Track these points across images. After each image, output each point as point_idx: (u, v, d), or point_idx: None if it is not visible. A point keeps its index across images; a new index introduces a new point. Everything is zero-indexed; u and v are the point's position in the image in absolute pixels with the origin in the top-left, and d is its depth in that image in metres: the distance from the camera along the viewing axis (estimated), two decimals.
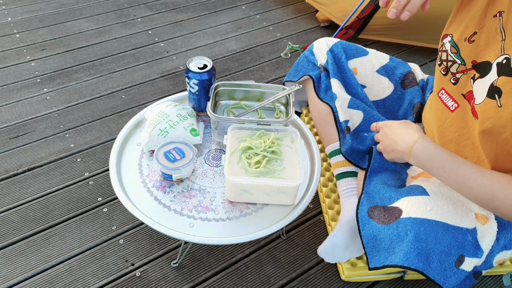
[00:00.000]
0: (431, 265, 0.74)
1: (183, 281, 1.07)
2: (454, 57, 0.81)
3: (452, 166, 0.76)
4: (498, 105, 0.70)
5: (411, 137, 0.81)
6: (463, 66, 0.80)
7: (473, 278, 0.83)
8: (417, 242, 0.74)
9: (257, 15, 2.20)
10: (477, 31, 0.75)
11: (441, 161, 0.77)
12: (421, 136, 0.81)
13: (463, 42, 0.78)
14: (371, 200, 0.86)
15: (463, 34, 0.78)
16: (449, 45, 0.81)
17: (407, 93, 1.08)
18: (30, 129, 1.49)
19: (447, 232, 0.75)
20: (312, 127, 1.39)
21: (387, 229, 0.79)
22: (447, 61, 0.83)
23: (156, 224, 0.85)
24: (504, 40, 0.70)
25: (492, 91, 0.72)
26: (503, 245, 0.81)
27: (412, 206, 0.79)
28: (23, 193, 1.27)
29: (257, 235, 0.85)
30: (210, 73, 1.00)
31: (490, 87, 0.72)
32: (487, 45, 0.74)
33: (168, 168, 0.89)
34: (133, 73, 1.78)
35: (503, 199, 0.70)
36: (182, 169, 0.89)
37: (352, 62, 1.10)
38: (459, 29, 0.79)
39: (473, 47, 0.77)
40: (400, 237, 0.76)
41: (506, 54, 0.69)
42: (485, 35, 0.74)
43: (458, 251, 0.75)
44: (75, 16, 2.13)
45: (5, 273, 1.07)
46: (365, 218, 0.84)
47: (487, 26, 0.73)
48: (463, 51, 0.79)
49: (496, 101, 0.71)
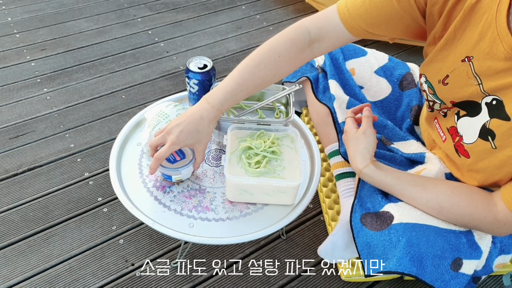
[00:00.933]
0: (426, 269, 0.74)
1: (183, 281, 1.07)
2: (433, 98, 0.80)
3: (397, 190, 0.80)
4: (493, 147, 0.70)
5: (358, 163, 0.84)
6: (444, 105, 0.79)
7: (472, 282, 0.82)
8: (410, 247, 0.74)
9: (257, 15, 2.21)
10: (449, 75, 0.74)
11: (386, 187, 0.82)
12: (365, 166, 0.83)
13: (438, 84, 0.77)
14: (363, 206, 0.86)
15: (436, 76, 0.77)
16: (426, 86, 0.81)
17: (405, 95, 1.08)
18: (30, 129, 1.49)
19: (439, 235, 0.75)
20: (312, 127, 1.39)
21: (379, 235, 0.79)
22: (428, 100, 0.83)
23: (156, 224, 0.85)
24: (481, 84, 0.68)
25: (485, 132, 0.71)
26: (500, 248, 0.81)
27: (403, 211, 0.79)
28: (23, 193, 1.27)
29: (257, 235, 0.85)
30: (210, 73, 1.00)
31: (482, 128, 0.71)
32: (461, 88, 0.72)
33: (167, 169, 0.88)
34: (133, 73, 1.78)
35: (449, 209, 0.75)
36: (181, 171, 0.88)
37: (350, 63, 1.10)
38: (432, 71, 0.78)
39: (448, 89, 0.75)
40: (393, 243, 0.76)
41: (494, 95, 0.68)
42: (457, 79, 0.72)
43: (452, 253, 0.75)
44: (75, 16, 2.13)
45: (5, 273, 1.08)
46: (359, 225, 0.84)
47: (457, 70, 0.72)
48: (439, 93, 0.78)
49: (490, 143, 0.70)
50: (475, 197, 0.74)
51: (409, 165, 0.97)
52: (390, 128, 1.02)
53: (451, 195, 0.75)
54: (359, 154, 0.84)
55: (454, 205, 0.75)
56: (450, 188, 0.76)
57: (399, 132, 1.01)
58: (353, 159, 0.85)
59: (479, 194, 0.74)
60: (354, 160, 0.84)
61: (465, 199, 0.74)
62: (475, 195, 0.74)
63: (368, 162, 0.82)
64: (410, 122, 1.04)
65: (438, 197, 0.75)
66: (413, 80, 1.09)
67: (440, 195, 0.75)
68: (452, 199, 0.75)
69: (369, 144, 0.83)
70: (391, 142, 1.01)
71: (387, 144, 1.00)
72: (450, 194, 0.75)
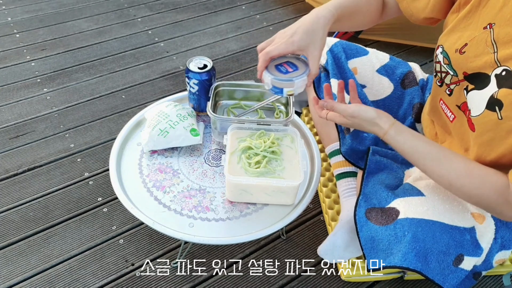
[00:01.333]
0: (430, 265, 0.74)
1: (183, 281, 1.07)
2: (447, 68, 0.81)
3: (412, 159, 0.78)
4: (499, 118, 0.70)
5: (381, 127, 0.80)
6: (455, 77, 0.80)
7: (472, 278, 0.83)
8: (415, 242, 0.74)
9: (257, 15, 2.20)
10: (467, 43, 0.75)
11: (403, 153, 0.79)
12: (386, 130, 0.79)
13: (454, 54, 0.78)
14: (369, 202, 0.87)
15: (454, 45, 0.78)
16: (441, 56, 0.81)
17: (407, 93, 1.08)
18: (30, 129, 1.49)
19: (444, 231, 0.75)
20: (312, 127, 1.39)
21: (384, 230, 0.79)
22: (441, 72, 0.83)
23: (156, 224, 0.85)
24: (497, 53, 0.69)
25: (492, 103, 0.71)
26: (501, 244, 0.81)
27: (409, 207, 0.79)
28: (23, 193, 1.27)
29: (257, 235, 0.85)
30: (210, 73, 1.00)
31: (490, 99, 0.71)
32: (477, 57, 0.73)
33: (280, 80, 0.77)
34: (133, 73, 1.78)
35: (459, 188, 0.74)
36: (295, 81, 0.77)
37: (352, 62, 1.10)
38: (451, 40, 0.78)
39: (464, 58, 0.76)
40: (398, 238, 0.77)
41: (505, 66, 0.69)
42: (475, 47, 0.73)
43: (456, 250, 0.75)
44: (75, 16, 2.13)
45: (5, 273, 1.07)
46: (363, 219, 0.84)
47: (477, 38, 0.73)
48: (454, 62, 0.78)
49: (497, 114, 0.70)
50: (489, 179, 0.71)
51: (410, 164, 0.97)
52: None
53: (463, 175, 0.73)
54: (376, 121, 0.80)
55: (465, 186, 0.73)
56: (465, 168, 0.73)
57: None
58: (369, 132, 0.82)
59: (494, 176, 0.71)
60: (371, 132, 0.81)
61: (478, 180, 0.72)
62: (489, 177, 0.72)
63: (384, 130, 0.79)
64: (412, 119, 1.04)
65: (450, 175, 0.74)
66: (414, 79, 1.09)
67: (453, 173, 0.74)
68: (464, 180, 0.73)
69: (369, 113, 0.79)
70: None
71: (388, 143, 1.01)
72: (463, 174, 0.73)
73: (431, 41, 1.84)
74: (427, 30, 1.80)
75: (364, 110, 0.79)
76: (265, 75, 0.79)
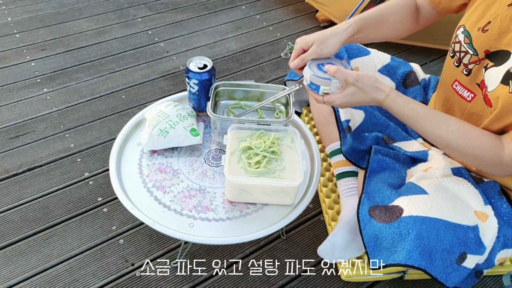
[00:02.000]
0: (434, 263, 0.74)
1: (183, 281, 1.07)
2: (467, 48, 0.82)
3: (412, 121, 0.80)
4: (510, 91, 0.71)
5: (377, 97, 0.80)
6: (475, 57, 0.81)
7: (474, 277, 0.83)
8: (419, 240, 0.74)
9: (257, 15, 2.20)
10: (491, 21, 0.76)
11: (403, 117, 0.81)
12: (385, 97, 0.79)
13: (477, 32, 0.79)
14: (372, 200, 0.87)
15: (477, 24, 0.79)
16: (462, 36, 0.82)
17: (409, 93, 1.08)
18: (30, 129, 1.49)
19: (448, 229, 0.76)
20: (312, 127, 1.39)
21: (388, 228, 0.79)
22: (460, 52, 0.84)
23: (156, 224, 0.85)
24: None
25: (508, 77, 0.73)
26: (503, 242, 0.81)
27: (413, 205, 0.79)
28: (23, 193, 1.27)
29: (257, 235, 0.85)
30: (210, 73, 1.00)
31: (506, 73, 0.73)
32: (500, 35, 0.75)
33: (319, 78, 0.80)
34: (133, 73, 1.78)
35: (456, 148, 0.78)
36: (333, 80, 0.80)
37: (354, 62, 1.10)
38: (473, 20, 0.80)
39: (486, 36, 0.77)
40: (402, 235, 0.77)
41: None
42: (499, 25, 0.75)
43: (460, 248, 0.75)
44: (75, 16, 2.13)
45: (5, 273, 1.07)
46: (366, 217, 0.84)
47: (501, 15, 0.74)
48: (475, 41, 0.80)
49: (509, 87, 0.72)
50: (484, 141, 0.75)
51: (412, 163, 0.97)
52: (392, 128, 1.02)
53: (461, 136, 0.76)
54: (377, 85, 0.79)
55: (461, 146, 0.77)
56: (462, 129, 0.77)
57: (401, 132, 1.01)
58: (370, 99, 0.81)
59: (489, 138, 0.76)
60: (371, 99, 0.81)
61: (474, 141, 0.76)
62: (485, 139, 0.76)
63: (385, 92, 0.79)
64: None
65: (448, 136, 0.77)
66: (416, 78, 1.10)
67: (451, 133, 0.77)
68: (461, 140, 0.76)
69: (370, 78, 0.79)
70: (394, 141, 1.01)
71: (389, 143, 1.01)
72: (461, 135, 0.76)
73: (431, 41, 1.84)
74: (427, 30, 1.80)
75: (365, 75, 0.79)
76: (305, 71, 0.84)
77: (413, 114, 0.79)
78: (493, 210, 0.82)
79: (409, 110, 0.79)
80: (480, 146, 0.75)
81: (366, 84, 0.78)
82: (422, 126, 0.79)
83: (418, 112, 0.79)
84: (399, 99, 0.79)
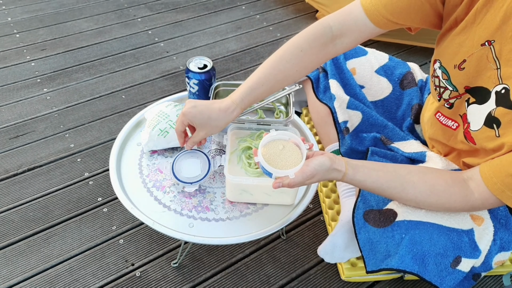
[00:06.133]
0: (427, 267, 0.74)
1: (183, 281, 1.07)
2: (445, 84, 0.80)
3: (377, 192, 0.78)
4: (496, 135, 0.71)
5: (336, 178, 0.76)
6: (455, 92, 0.79)
7: (471, 279, 0.83)
8: (412, 245, 0.75)
9: (257, 15, 2.21)
10: (466, 59, 0.74)
11: (367, 189, 0.79)
12: (342, 176, 0.75)
13: (453, 70, 0.77)
14: (367, 203, 0.86)
15: (452, 61, 0.77)
16: (440, 71, 0.81)
17: (406, 94, 1.08)
18: (30, 129, 1.49)
19: (442, 233, 0.76)
20: (312, 127, 1.39)
21: (382, 232, 0.79)
22: (439, 87, 0.83)
23: (156, 224, 0.85)
24: (500, 69, 0.69)
25: (490, 120, 0.72)
26: (500, 245, 0.81)
27: (406, 209, 0.79)
28: (23, 193, 1.27)
29: (257, 235, 0.85)
30: (210, 73, 1.00)
31: (488, 116, 0.72)
32: (479, 72, 0.73)
33: (268, 173, 0.75)
34: (133, 73, 1.78)
35: (428, 207, 0.78)
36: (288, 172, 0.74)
37: (351, 63, 1.10)
38: (448, 56, 0.78)
39: (464, 74, 0.75)
40: (396, 240, 0.77)
41: (505, 84, 0.68)
42: (475, 63, 0.73)
43: (454, 252, 0.75)
44: (75, 16, 2.13)
45: (5, 273, 1.08)
46: (361, 222, 0.84)
47: (476, 54, 0.72)
48: (454, 78, 0.78)
49: (495, 131, 0.71)
50: (453, 193, 0.74)
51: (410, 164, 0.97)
52: (390, 128, 1.02)
53: (429, 195, 0.75)
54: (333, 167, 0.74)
55: (432, 204, 0.76)
56: (429, 188, 0.75)
57: (399, 132, 1.01)
58: (330, 179, 0.78)
59: (456, 188, 0.74)
60: (331, 179, 0.77)
61: (443, 197, 0.75)
62: (453, 190, 0.74)
63: (342, 172, 0.74)
64: (410, 121, 1.04)
65: (417, 198, 0.76)
66: (413, 79, 1.09)
67: (419, 196, 0.76)
68: (431, 199, 0.75)
69: (324, 165, 0.73)
70: (392, 141, 1.01)
71: (387, 144, 1.00)
72: (429, 194, 0.75)
73: (431, 41, 1.84)
74: (427, 30, 1.80)
75: (318, 163, 0.73)
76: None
77: (375, 185, 0.76)
78: (489, 213, 0.81)
79: (370, 183, 0.76)
80: (450, 200, 0.74)
81: (322, 173, 0.73)
82: (388, 194, 0.78)
83: (380, 182, 0.76)
84: (358, 174, 0.75)
